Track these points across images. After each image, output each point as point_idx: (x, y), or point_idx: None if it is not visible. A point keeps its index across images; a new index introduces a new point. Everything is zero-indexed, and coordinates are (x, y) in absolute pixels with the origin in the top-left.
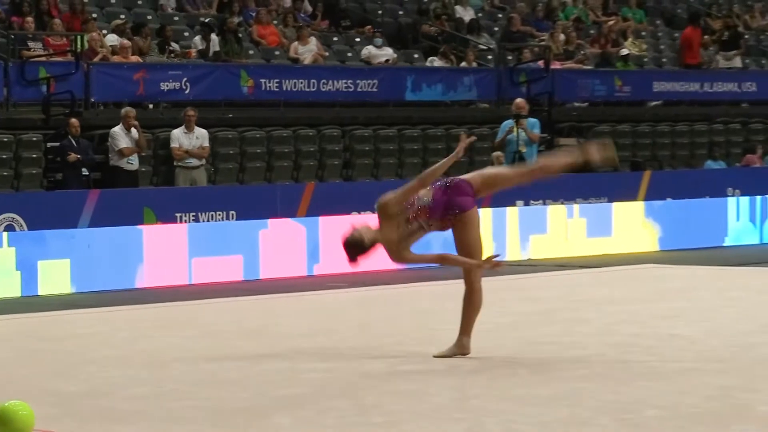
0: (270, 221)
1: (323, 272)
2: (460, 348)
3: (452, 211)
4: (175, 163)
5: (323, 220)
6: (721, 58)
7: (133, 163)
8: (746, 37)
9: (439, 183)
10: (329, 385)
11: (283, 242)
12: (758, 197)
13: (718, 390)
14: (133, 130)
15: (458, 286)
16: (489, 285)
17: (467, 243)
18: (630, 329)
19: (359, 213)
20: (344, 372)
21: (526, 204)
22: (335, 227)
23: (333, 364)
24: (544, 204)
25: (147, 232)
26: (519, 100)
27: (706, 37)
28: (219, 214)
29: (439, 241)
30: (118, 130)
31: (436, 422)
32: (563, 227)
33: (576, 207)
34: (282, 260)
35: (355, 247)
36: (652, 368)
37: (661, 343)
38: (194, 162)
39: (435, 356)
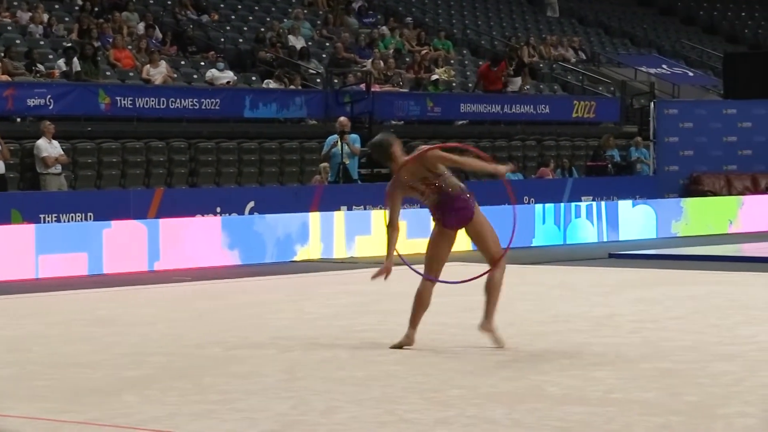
0: (113, 222)
1: (163, 268)
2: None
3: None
4: (46, 171)
5: (163, 222)
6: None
7: None
8: (541, 66)
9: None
10: (172, 367)
11: (126, 241)
12: (562, 204)
13: (513, 372)
14: None
15: (288, 281)
16: (314, 280)
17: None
18: (437, 319)
19: (203, 215)
20: (185, 356)
21: (350, 209)
22: (174, 228)
23: (175, 348)
24: (365, 209)
25: None
26: (342, 118)
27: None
28: (78, 216)
29: None
30: None
31: (266, 400)
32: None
33: None
34: (124, 257)
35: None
36: (456, 353)
37: (465, 332)
38: (58, 169)
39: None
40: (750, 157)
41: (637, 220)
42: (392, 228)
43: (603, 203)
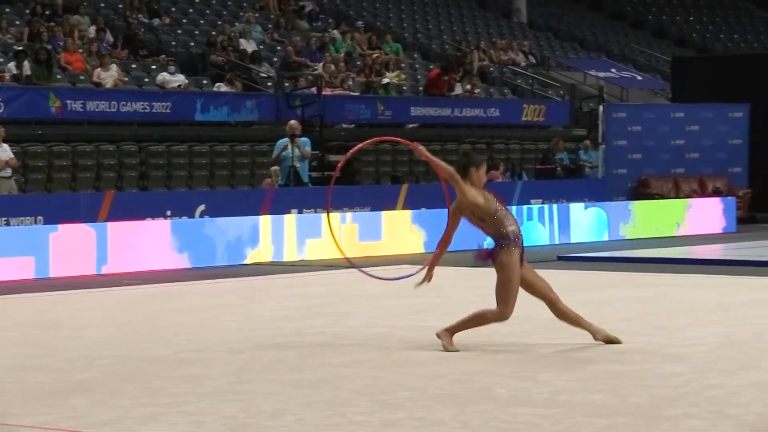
0: (60, 225)
1: (111, 272)
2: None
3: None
4: None
5: (111, 225)
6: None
7: None
8: (491, 69)
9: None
10: (120, 370)
11: (73, 244)
12: (514, 207)
13: (462, 375)
14: None
15: (238, 284)
16: (265, 283)
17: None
18: (388, 322)
19: (154, 218)
20: (134, 359)
21: (300, 212)
22: (123, 231)
23: (124, 351)
24: (316, 212)
25: None
26: (293, 121)
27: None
28: (28, 219)
29: None
30: None
31: (215, 403)
32: (337, 232)
33: (349, 214)
34: (72, 260)
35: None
36: (406, 356)
37: (415, 334)
38: (8, 172)
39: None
40: (697, 160)
41: (589, 222)
42: (442, 242)
43: (555, 206)
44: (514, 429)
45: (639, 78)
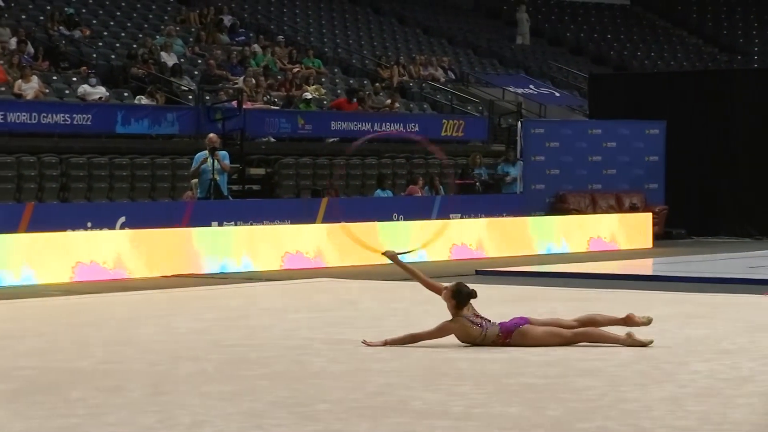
0: None
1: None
2: None
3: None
4: None
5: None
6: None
7: None
8: (411, 84)
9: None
10: (39, 381)
11: None
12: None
13: (379, 387)
14: None
15: (158, 295)
16: (185, 295)
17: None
18: (306, 334)
19: (74, 230)
20: (53, 370)
21: (220, 225)
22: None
23: (43, 362)
24: (236, 225)
25: None
26: (212, 134)
27: (377, 84)
28: None
29: None
30: None
31: (133, 414)
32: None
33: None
34: None
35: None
36: (324, 368)
37: (332, 347)
38: None
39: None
40: (614, 176)
41: None
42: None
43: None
44: None
45: (557, 94)
